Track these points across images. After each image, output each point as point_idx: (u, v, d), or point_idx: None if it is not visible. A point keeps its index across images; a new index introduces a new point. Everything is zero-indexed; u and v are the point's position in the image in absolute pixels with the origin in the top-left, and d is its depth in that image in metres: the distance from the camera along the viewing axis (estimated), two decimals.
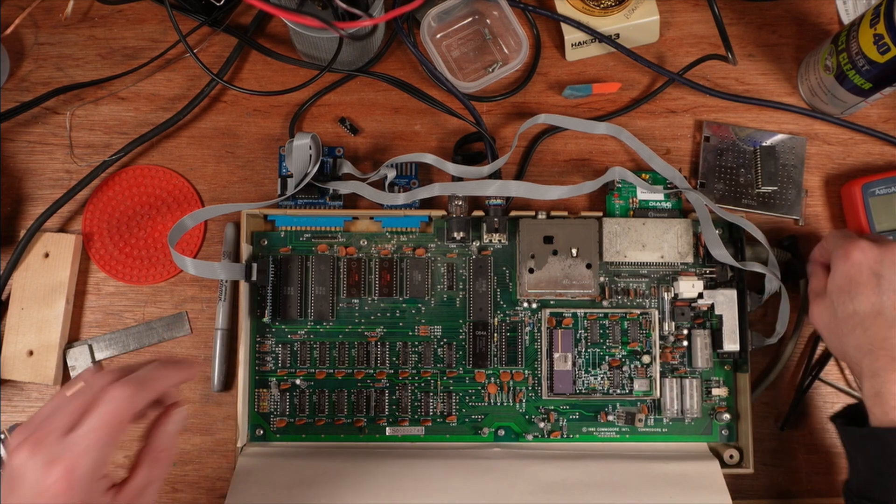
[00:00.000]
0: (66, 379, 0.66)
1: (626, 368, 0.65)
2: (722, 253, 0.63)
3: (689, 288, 0.65)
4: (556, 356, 0.64)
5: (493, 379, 0.65)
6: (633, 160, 0.69)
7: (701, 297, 0.65)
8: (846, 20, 0.71)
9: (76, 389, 0.48)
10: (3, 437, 0.65)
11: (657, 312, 0.66)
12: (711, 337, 0.65)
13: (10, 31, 0.69)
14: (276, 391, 0.65)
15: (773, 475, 0.66)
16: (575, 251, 0.64)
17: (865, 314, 0.56)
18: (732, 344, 0.64)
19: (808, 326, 0.68)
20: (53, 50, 0.70)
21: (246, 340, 0.64)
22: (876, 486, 0.53)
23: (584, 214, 0.66)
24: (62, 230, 0.68)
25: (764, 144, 0.69)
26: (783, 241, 0.67)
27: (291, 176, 0.66)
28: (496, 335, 0.66)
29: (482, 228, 0.66)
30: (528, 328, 0.66)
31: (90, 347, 0.66)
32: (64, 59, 0.70)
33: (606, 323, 0.66)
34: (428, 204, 0.68)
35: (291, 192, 0.65)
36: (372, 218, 0.67)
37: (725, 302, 0.64)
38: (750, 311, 0.64)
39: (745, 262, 0.64)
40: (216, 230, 0.68)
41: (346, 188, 0.66)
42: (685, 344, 0.66)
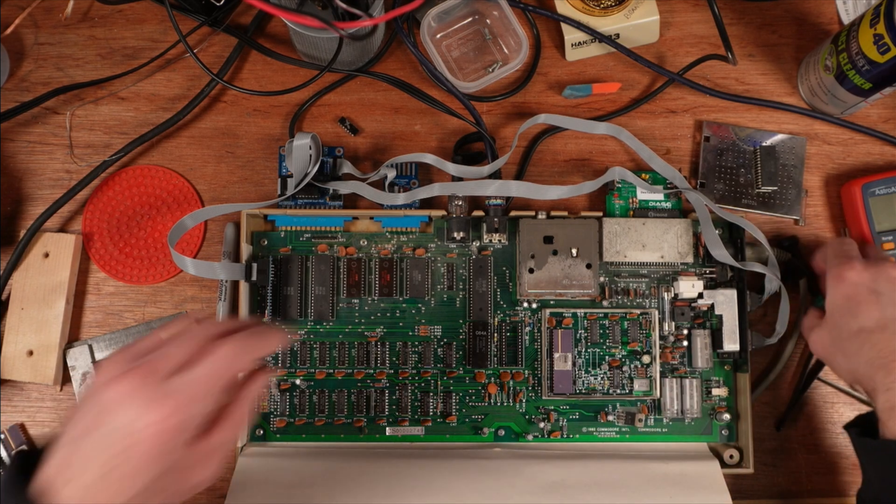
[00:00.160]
0: (66, 379, 0.66)
1: (626, 368, 0.65)
2: (722, 253, 0.64)
3: (689, 288, 0.65)
4: (556, 356, 0.64)
5: (493, 379, 0.65)
6: (633, 160, 0.69)
7: (701, 297, 0.65)
8: (846, 20, 0.71)
9: (175, 332, 0.46)
10: (2, 436, 0.65)
11: (657, 312, 0.66)
12: (711, 337, 0.65)
13: (10, 31, 0.69)
14: (276, 391, 0.65)
15: (773, 475, 0.66)
16: (575, 251, 0.64)
17: (872, 330, 0.56)
18: (732, 344, 0.64)
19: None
20: (53, 50, 0.70)
21: None
22: (888, 496, 0.54)
23: (584, 214, 0.66)
24: (62, 230, 0.68)
25: (764, 144, 0.69)
26: (783, 241, 0.67)
27: (291, 176, 0.66)
28: (496, 335, 0.66)
29: (482, 228, 0.66)
30: (528, 328, 0.66)
31: (90, 347, 0.66)
32: (64, 59, 0.70)
33: (606, 323, 0.66)
34: (428, 204, 0.68)
35: (291, 192, 0.65)
36: (372, 218, 0.67)
37: (725, 302, 0.64)
38: (750, 311, 0.64)
39: (745, 262, 0.64)
40: (216, 230, 0.68)
41: (346, 188, 0.66)
42: (685, 344, 0.66)
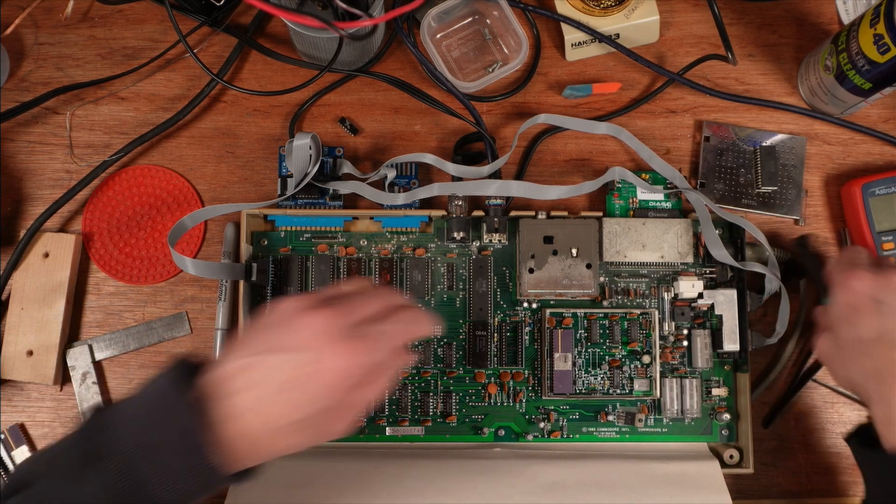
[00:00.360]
0: (66, 379, 0.66)
1: (626, 368, 0.65)
2: (722, 253, 0.63)
3: (689, 288, 0.65)
4: (556, 356, 0.64)
5: (493, 379, 0.65)
6: (633, 160, 0.69)
7: (701, 297, 0.65)
8: (846, 20, 0.71)
9: (358, 289, 0.47)
10: (2, 436, 0.65)
11: (657, 312, 0.66)
12: (711, 337, 0.65)
13: (10, 31, 0.69)
14: None
15: (773, 475, 0.66)
16: (575, 251, 0.64)
17: (869, 340, 0.55)
18: (732, 344, 0.64)
19: (808, 326, 0.68)
20: (53, 50, 0.70)
21: None
22: None
23: (584, 214, 0.66)
24: (62, 230, 0.68)
25: (764, 144, 0.69)
26: (800, 240, 0.66)
27: (291, 176, 0.66)
28: (496, 335, 0.66)
29: (482, 228, 0.66)
30: (528, 328, 0.66)
31: (90, 347, 0.66)
32: (64, 59, 0.70)
33: (606, 323, 0.66)
34: (428, 204, 0.68)
35: (291, 192, 0.65)
36: (372, 218, 0.67)
37: (725, 302, 0.64)
38: (750, 311, 0.64)
39: (745, 262, 0.64)
40: (216, 230, 0.68)
41: (346, 188, 0.66)
42: (685, 344, 0.66)
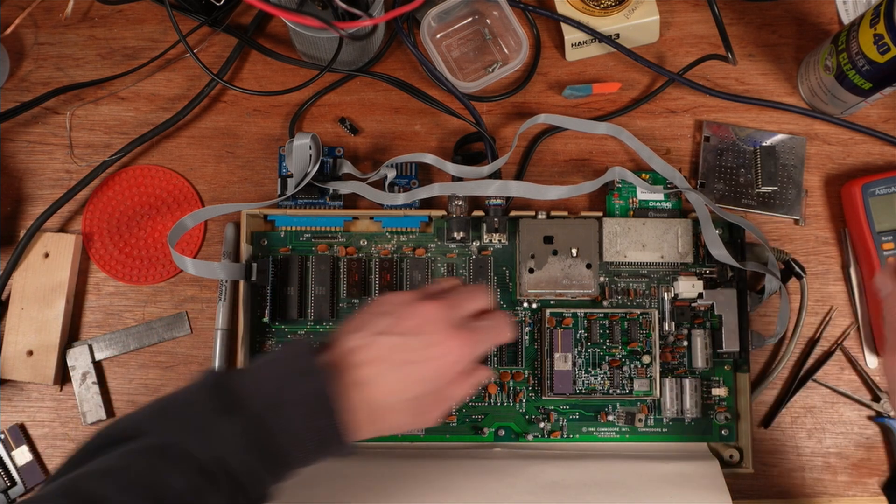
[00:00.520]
0: (66, 379, 0.66)
1: (626, 368, 0.65)
2: (722, 253, 0.63)
3: (689, 288, 0.65)
4: (556, 356, 0.64)
5: (493, 379, 0.65)
6: (633, 160, 0.69)
7: (701, 297, 0.65)
8: (846, 20, 0.71)
9: (452, 286, 0.52)
10: (2, 436, 0.65)
11: (657, 312, 0.66)
12: (711, 337, 0.65)
13: (10, 31, 0.69)
14: None
15: (773, 475, 0.66)
16: (575, 251, 0.64)
17: None
18: (732, 344, 0.64)
19: (808, 326, 0.68)
20: (53, 50, 0.70)
21: (246, 340, 0.64)
22: None
23: (584, 214, 0.66)
24: (62, 230, 0.68)
25: (764, 144, 0.69)
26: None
27: (291, 176, 0.66)
28: None
29: (482, 228, 0.66)
30: (528, 328, 0.66)
31: (90, 347, 0.66)
32: (64, 59, 0.70)
33: (606, 323, 0.66)
34: (428, 204, 0.68)
35: (291, 192, 0.65)
36: (372, 218, 0.67)
37: (725, 302, 0.64)
38: (750, 311, 0.64)
39: (745, 262, 0.64)
40: (216, 230, 0.68)
41: (346, 188, 0.66)
42: (685, 344, 0.66)
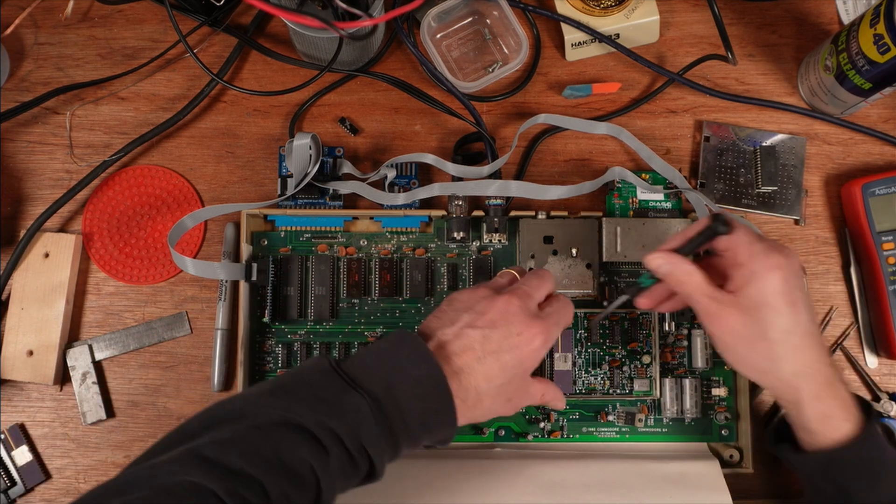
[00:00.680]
0: (66, 379, 0.66)
1: (626, 368, 0.65)
2: None
3: None
4: (556, 356, 0.64)
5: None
6: (633, 160, 0.69)
7: None
8: (846, 20, 0.71)
9: (512, 276, 0.56)
10: (2, 436, 0.65)
11: (657, 312, 0.66)
12: None
13: (10, 31, 0.69)
14: None
15: (772, 475, 0.66)
16: (575, 251, 0.64)
17: (803, 334, 0.52)
18: None
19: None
20: (53, 50, 0.70)
21: (246, 340, 0.64)
22: (852, 494, 0.53)
23: (584, 214, 0.66)
24: (62, 230, 0.68)
25: (764, 144, 0.69)
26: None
27: (291, 176, 0.66)
28: None
29: (482, 228, 0.66)
30: None
31: (90, 347, 0.66)
32: (64, 59, 0.70)
33: (606, 323, 0.66)
34: (428, 204, 0.68)
35: (291, 192, 0.65)
36: (372, 218, 0.67)
37: None
38: None
39: None
40: (216, 230, 0.68)
41: (346, 188, 0.66)
42: (685, 344, 0.66)
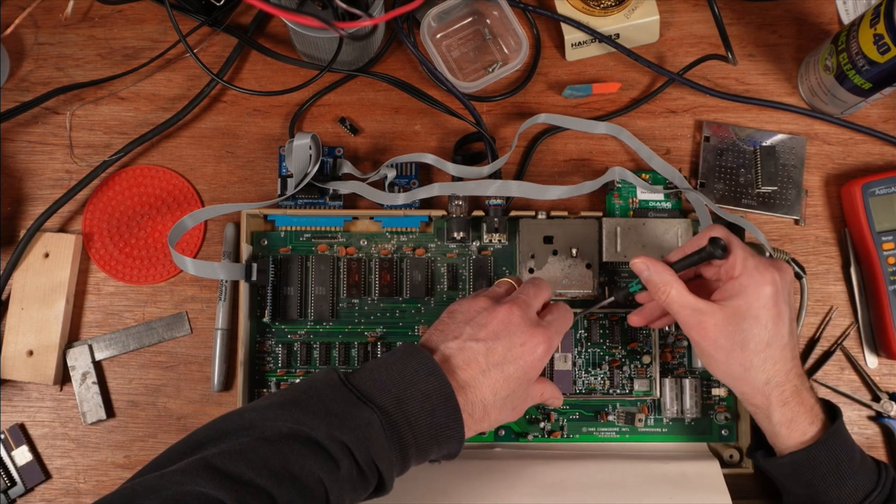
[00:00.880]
0: (66, 379, 0.66)
1: (626, 368, 0.65)
2: None
3: None
4: (556, 356, 0.64)
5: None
6: (633, 160, 0.69)
7: None
8: (846, 20, 0.71)
9: (509, 284, 0.58)
10: (2, 436, 0.65)
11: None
12: None
13: (10, 31, 0.69)
14: (276, 391, 0.65)
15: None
16: (575, 251, 0.64)
17: (781, 346, 0.54)
18: None
19: (808, 326, 0.68)
20: (53, 50, 0.70)
21: (246, 340, 0.64)
22: (820, 494, 0.55)
23: (584, 214, 0.66)
24: (62, 230, 0.68)
25: (764, 144, 0.69)
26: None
27: (291, 176, 0.66)
28: None
29: (482, 228, 0.66)
30: None
31: (90, 347, 0.66)
32: (64, 59, 0.70)
33: (606, 323, 0.66)
34: (428, 204, 0.68)
35: (291, 192, 0.65)
36: (372, 218, 0.67)
37: None
38: None
39: None
40: (216, 230, 0.68)
41: (346, 188, 0.66)
42: (685, 344, 0.66)
